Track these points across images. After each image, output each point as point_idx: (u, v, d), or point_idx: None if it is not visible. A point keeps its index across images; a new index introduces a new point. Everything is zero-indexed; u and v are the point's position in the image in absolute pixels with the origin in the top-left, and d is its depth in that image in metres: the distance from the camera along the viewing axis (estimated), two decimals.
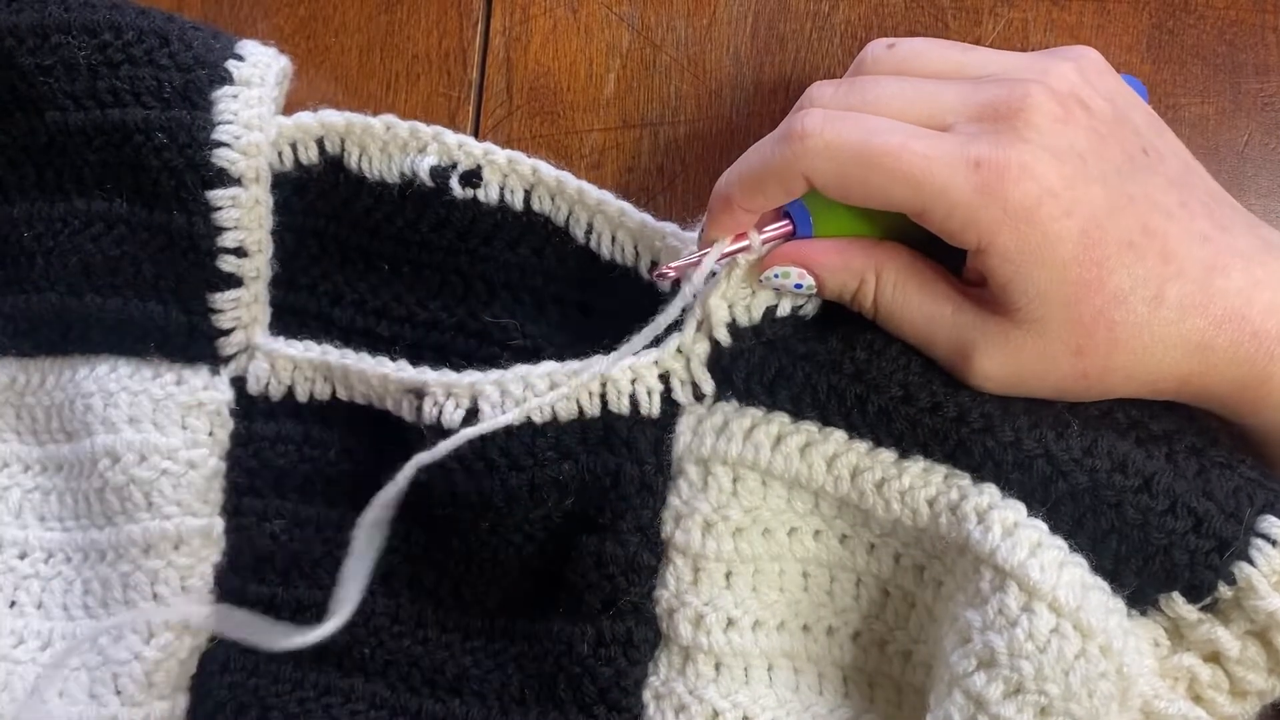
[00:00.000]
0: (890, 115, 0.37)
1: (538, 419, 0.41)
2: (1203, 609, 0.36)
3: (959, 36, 0.48)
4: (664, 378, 0.41)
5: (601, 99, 0.49)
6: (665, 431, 0.41)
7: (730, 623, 0.39)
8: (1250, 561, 0.36)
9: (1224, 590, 0.36)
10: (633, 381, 0.41)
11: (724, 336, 0.40)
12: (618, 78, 0.50)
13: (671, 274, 0.40)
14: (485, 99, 0.50)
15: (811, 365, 0.39)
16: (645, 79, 0.49)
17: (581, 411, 0.40)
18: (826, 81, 0.39)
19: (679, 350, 0.41)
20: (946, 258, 0.38)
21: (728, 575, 0.40)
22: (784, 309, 0.40)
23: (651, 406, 0.41)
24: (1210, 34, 0.47)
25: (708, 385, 0.41)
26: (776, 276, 0.39)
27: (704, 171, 0.49)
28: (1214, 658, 0.37)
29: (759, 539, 0.40)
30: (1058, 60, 0.38)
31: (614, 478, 0.41)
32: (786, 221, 0.39)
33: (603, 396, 0.40)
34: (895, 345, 0.39)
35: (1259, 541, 0.36)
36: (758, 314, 0.40)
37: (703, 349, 0.41)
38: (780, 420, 0.40)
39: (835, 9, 0.49)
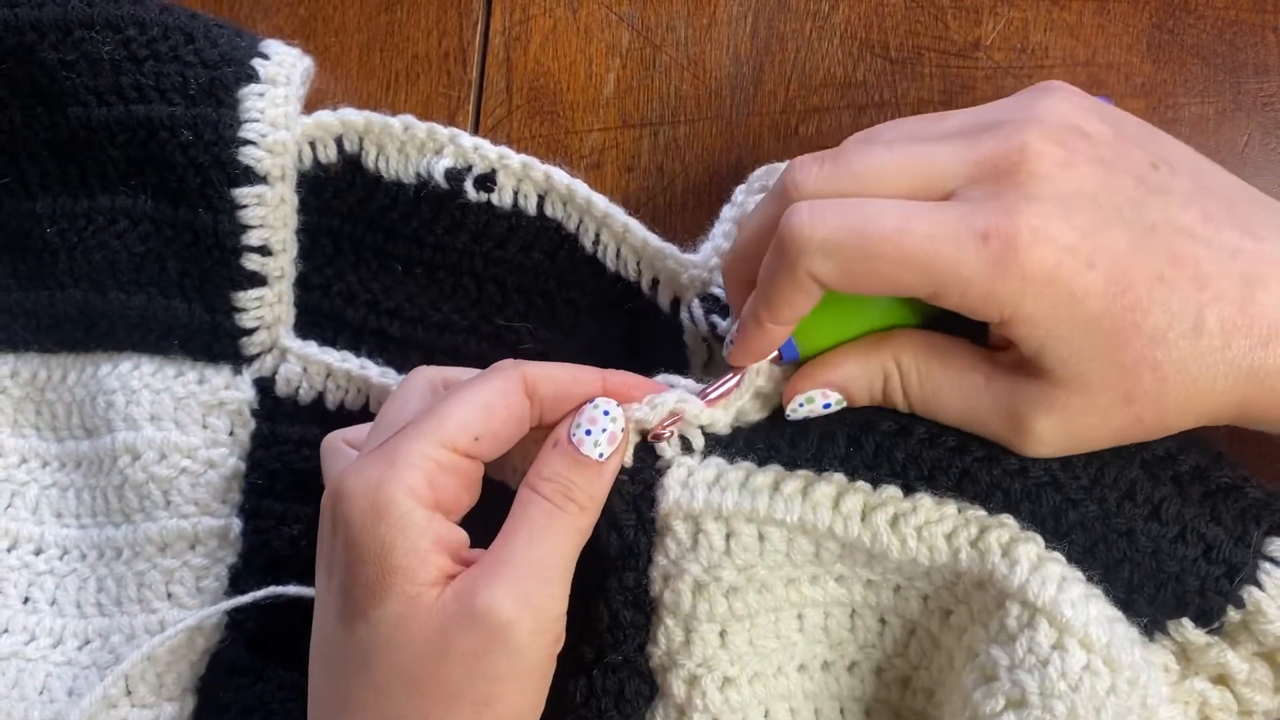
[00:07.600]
0: (885, 188, 0.34)
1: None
2: (1210, 632, 0.36)
3: (959, 36, 0.47)
4: (644, 431, 0.38)
5: (601, 99, 0.49)
6: (646, 488, 0.37)
7: (727, 680, 0.37)
8: (1259, 585, 0.35)
9: (1232, 614, 0.35)
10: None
11: (725, 429, 0.38)
12: (617, 78, 0.49)
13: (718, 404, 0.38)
14: (485, 99, 0.49)
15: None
16: (645, 79, 0.48)
17: None
18: (809, 157, 0.35)
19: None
20: (964, 327, 0.36)
21: (722, 634, 0.37)
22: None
23: (627, 456, 0.37)
24: (1210, 34, 0.46)
25: (698, 441, 0.38)
26: (802, 405, 0.37)
27: (704, 171, 0.48)
28: (1220, 679, 0.36)
29: (754, 596, 0.37)
30: (1040, 95, 0.35)
31: (591, 543, 0.37)
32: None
33: None
34: None
35: (1266, 565, 0.35)
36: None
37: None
38: (775, 469, 0.37)
39: (835, 9, 0.48)
